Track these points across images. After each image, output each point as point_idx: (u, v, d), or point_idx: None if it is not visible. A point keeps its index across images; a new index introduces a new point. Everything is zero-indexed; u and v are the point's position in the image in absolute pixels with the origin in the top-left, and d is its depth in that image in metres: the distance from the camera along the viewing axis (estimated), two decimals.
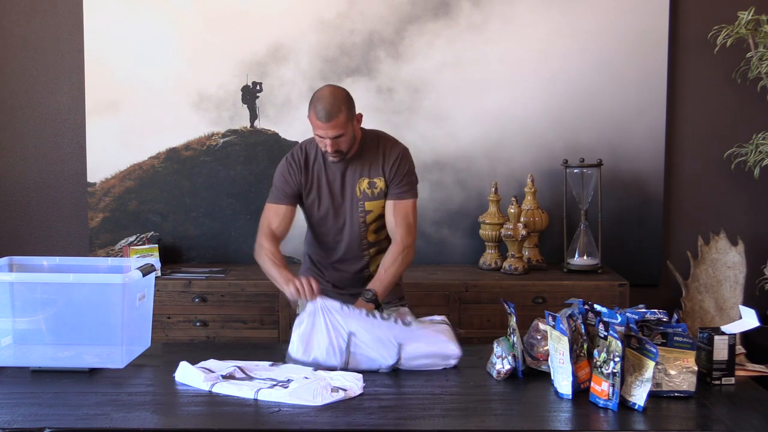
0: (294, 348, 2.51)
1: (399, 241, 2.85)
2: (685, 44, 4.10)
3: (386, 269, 2.82)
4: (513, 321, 2.49)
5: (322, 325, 2.51)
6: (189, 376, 2.38)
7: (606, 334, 2.21)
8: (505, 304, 2.55)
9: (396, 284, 2.97)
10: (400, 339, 2.51)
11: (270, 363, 2.52)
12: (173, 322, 3.72)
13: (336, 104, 2.70)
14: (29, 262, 2.76)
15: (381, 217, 2.90)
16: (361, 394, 2.28)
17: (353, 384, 2.32)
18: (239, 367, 2.44)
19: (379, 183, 2.86)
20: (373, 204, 2.87)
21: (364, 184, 2.86)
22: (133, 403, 2.24)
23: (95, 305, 2.56)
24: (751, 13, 3.71)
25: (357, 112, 2.79)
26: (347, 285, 2.96)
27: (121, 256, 3.98)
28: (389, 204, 2.88)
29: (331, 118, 2.69)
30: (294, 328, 2.55)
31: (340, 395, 2.24)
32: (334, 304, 2.56)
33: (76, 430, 2.06)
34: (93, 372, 2.47)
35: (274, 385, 2.30)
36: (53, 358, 2.54)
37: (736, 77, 4.04)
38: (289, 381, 2.33)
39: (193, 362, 2.46)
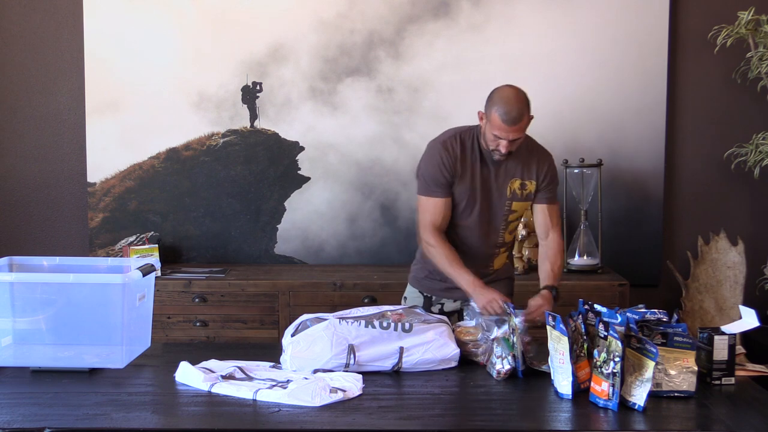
0: (289, 363, 2.47)
1: (559, 240, 2.93)
2: (685, 44, 4.10)
3: (552, 263, 2.89)
4: (513, 321, 2.49)
5: (322, 339, 2.48)
6: (189, 376, 2.38)
7: (606, 334, 2.21)
8: (505, 305, 2.54)
9: (512, 281, 3.09)
10: (401, 344, 2.50)
11: (271, 364, 2.52)
12: (173, 322, 3.72)
13: (522, 108, 2.71)
14: (29, 262, 2.76)
15: (519, 218, 2.96)
16: (360, 395, 2.28)
17: (352, 385, 2.32)
18: (239, 368, 2.44)
19: (530, 186, 2.88)
20: (519, 204, 2.90)
21: (516, 184, 2.87)
22: (133, 403, 2.24)
23: (95, 305, 2.56)
24: (751, 13, 3.71)
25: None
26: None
27: (121, 256, 3.98)
28: (542, 207, 2.92)
29: (516, 122, 2.69)
30: (288, 344, 2.51)
31: (339, 396, 2.24)
32: (330, 317, 2.55)
33: (76, 430, 2.06)
34: (93, 372, 2.47)
35: (273, 386, 2.30)
36: (53, 358, 2.54)
37: (736, 77, 4.04)
38: (288, 381, 2.33)
39: (194, 362, 2.46)
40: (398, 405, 2.24)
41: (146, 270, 2.59)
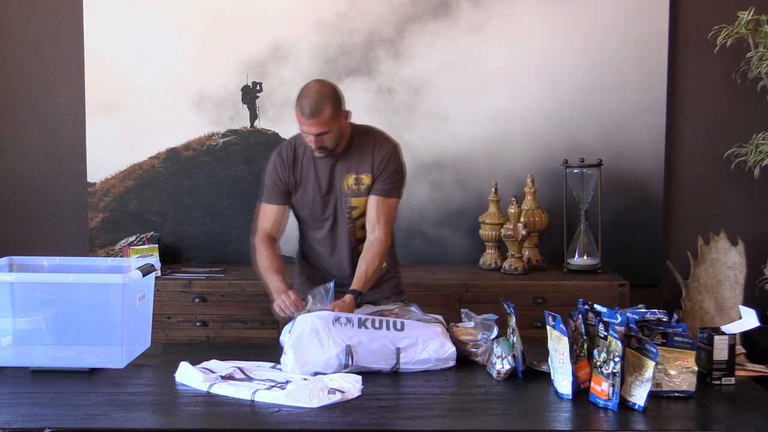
0: (289, 368, 2.47)
1: (383, 239, 2.84)
2: (685, 44, 4.10)
3: (368, 265, 2.80)
4: (513, 321, 2.49)
5: (317, 342, 2.47)
6: (188, 376, 2.38)
7: (606, 334, 2.21)
8: (505, 305, 2.54)
9: (395, 280, 3.01)
10: (397, 344, 2.50)
11: (271, 365, 2.52)
12: (173, 322, 3.72)
13: (321, 100, 2.68)
14: (29, 262, 2.76)
15: (363, 214, 2.89)
16: (359, 396, 2.28)
17: (351, 386, 2.32)
18: (239, 368, 2.44)
19: (366, 179, 2.84)
20: (358, 200, 2.86)
21: (351, 180, 2.84)
22: (133, 403, 2.24)
23: (95, 305, 2.56)
24: (751, 13, 3.71)
25: (345, 108, 2.79)
26: (344, 280, 2.89)
27: (121, 256, 3.98)
28: (372, 199, 2.85)
29: (314, 115, 2.67)
30: (286, 345, 2.51)
31: (337, 397, 2.23)
32: (325, 317, 2.53)
33: (76, 430, 2.06)
34: (93, 372, 2.47)
35: (272, 387, 2.30)
36: (53, 358, 2.54)
37: (736, 77, 4.04)
38: (287, 382, 2.33)
39: (194, 362, 2.46)
40: (398, 405, 2.24)
41: (146, 270, 2.59)
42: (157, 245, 3.99)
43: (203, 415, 2.19)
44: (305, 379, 2.35)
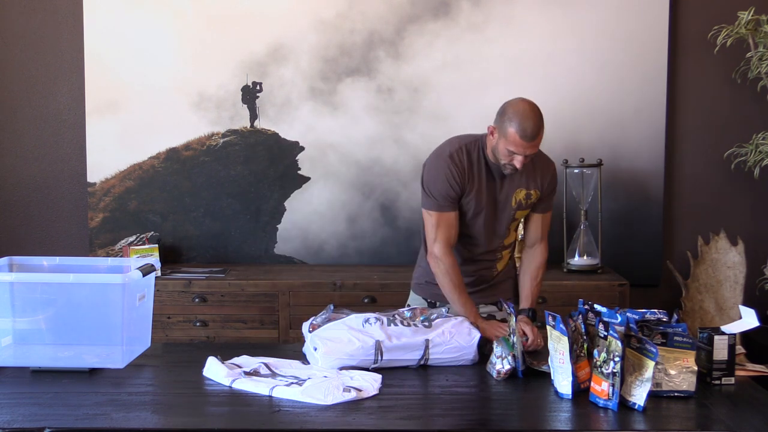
0: (320, 363, 2.48)
1: (544, 253, 2.91)
2: (685, 44, 4.10)
3: (537, 284, 2.87)
4: (513, 321, 2.49)
5: (347, 338, 2.49)
6: (214, 371, 2.41)
7: (606, 334, 2.21)
8: (505, 305, 2.54)
9: (512, 280, 3.04)
10: (426, 336, 2.53)
11: (298, 361, 2.53)
12: (173, 322, 3.72)
13: (539, 123, 2.66)
14: (29, 262, 2.76)
15: (520, 223, 2.96)
16: (376, 394, 2.27)
17: (369, 384, 2.32)
18: (265, 364, 2.45)
19: (534, 195, 2.85)
20: (522, 213, 2.88)
21: (521, 194, 2.82)
22: (133, 403, 2.24)
23: (95, 305, 2.56)
24: (751, 13, 3.71)
25: None
26: (471, 284, 2.90)
27: (121, 256, 3.98)
28: (537, 217, 2.90)
29: (534, 138, 2.65)
30: (315, 339, 2.51)
31: (352, 395, 2.23)
32: (356, 318, 2.58)
33: (76, 430, 2.06)
34: (93, 372, 2.47)
35: (292, 383, 2.31)
36: (53, 358, 2.53)
37: (736, 77, 4.04)
38: (308, 379, 2.34)
39: (194, 362, 2.46)
40: (398, 405, 2.24)
41: (146, 270, 2.59)
42: (157, 245, 3.99)
43: (203, 415, 2.19)
44: (325, 377, 2.35)
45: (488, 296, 2.93)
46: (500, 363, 2.43)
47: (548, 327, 2.34)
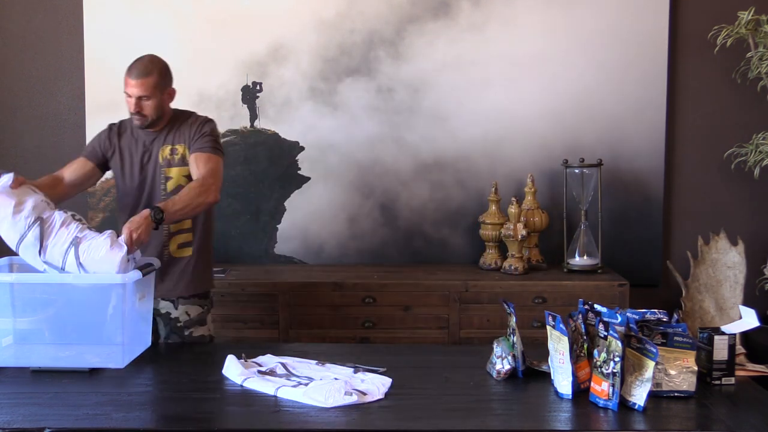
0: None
1: (206, 177, 2.85)
2: (685, 44, 4.10)
3: (182, 192, 2.81)
4: (513, 321, 2.49)
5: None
6: (231, 369, 2.43)
7: (606, 334, 2.21)
8: (505, 304, 2.55)
9: (203, 272, 3.04)
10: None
11: (317, 362, 2.53)
12: None
13: (150, 67, 2.91)
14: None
15: (181, 180, 2.96)
16: (380, 399, 2.26)
17: (376, 388, 2.32)
18: (283, 364, 2.47)
19: (180, 149, 2.97)
20: (173, 171, 2.96)
21: (167, 151, 2.97)
22: (133, 403, 2.24)
23: (95, 305, 2.56)
24: (751, 13, 3.71)
25: (173, 87, 2.99)
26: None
27: None
28: (192, 157, 2.94)
29: (141, 76, 2.87)
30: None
31: (354, 398, 2.23)
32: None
33: (76, 430, 2.06)
34: (93, 372, 2.47)
35: (299, 384, 2.31)
36: (53, 358, 2.54)
37: (736, 77, 4.04)
38: (320, 380, 2.35)
39: (194, 362, 2.46)
40: (398, 405, 2.24)
41: (146, 270, 2.60)
42: None
43: (204, 415, 2.19)
44: (336, 379, 2.36)
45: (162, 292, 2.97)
46: (500, 363, 2.43)
47: (548, 327, 2.34)
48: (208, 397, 2.29)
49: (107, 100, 4.10)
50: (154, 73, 2.91)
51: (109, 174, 4.11)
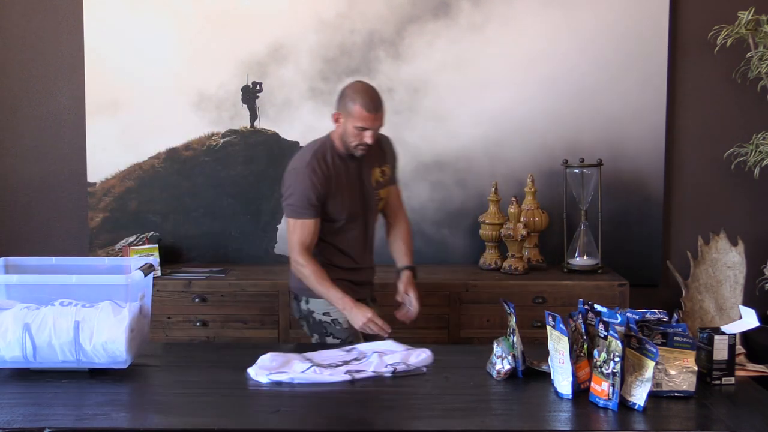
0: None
1: (407, 220, 3.18)
2: (685, 44, 4.10)
3: (407, 243, 3.13)
4: (513, 321, 2.49)
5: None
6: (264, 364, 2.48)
7: (606, 334, 2.21)
8: (505, 305, 2.55)
9: (371, 284, 3.19)
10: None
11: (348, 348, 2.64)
12: (173, 322, 3.72)
13: (379, 96, 2.88)
14: (25, 263, 2.75)
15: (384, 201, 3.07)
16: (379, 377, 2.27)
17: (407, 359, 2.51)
18: (315, 365, 2.48)
19: (387, 170, 3.02)
20: (384, 191, 3.03)
21: (377, 173, 2.98)
22: (133, 403, 2.24)
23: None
24: (751, 13, 3.71)
25: None
26: (364, 277, 3.13)
27: (122, 256, 3.98)
28: (391, 190, 3.10)
29: (379, 110, 2.83)
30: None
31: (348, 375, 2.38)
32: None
33: (76, 430, 2.06)
34: (93, 372, 2.47)
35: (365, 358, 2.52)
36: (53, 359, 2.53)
37: (736, 77, 4.04)
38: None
39: (194, 362, 2.45)
40: (398, 405, 2.24)
41: (146, 270, 2.60)
42: (157, 245, 3.99)
43: (203, 415, 2.19)
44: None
45: (367, 293, 3.14)
46: (500, 363, 2.43)
47: (548, 327, 2.34)
48: (208, 397, 2.29)
49: (107, 100, 4.10)
50: (383, 102, 2.90)
51: (109, 174, 4.16)
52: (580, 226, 3.96)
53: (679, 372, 2.26)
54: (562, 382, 2.28)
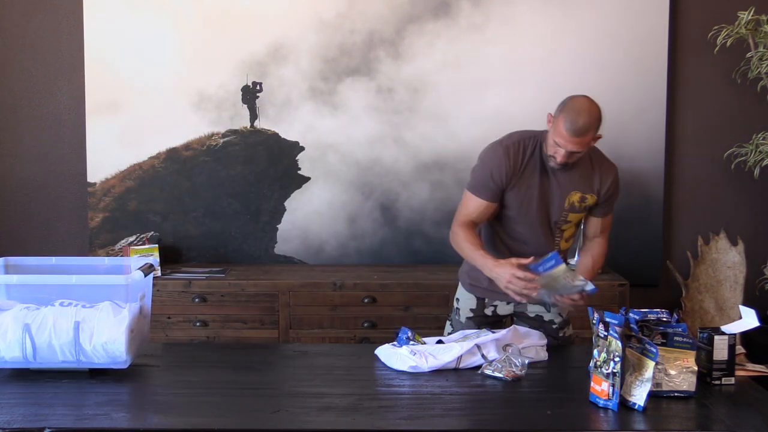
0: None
1: (604, 245, 2.89)
2: (685, 44, 4.10)
3: (595, 262, 2.84)
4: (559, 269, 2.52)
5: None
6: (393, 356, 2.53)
7: (606, 334, 2.21)
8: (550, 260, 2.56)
9: None
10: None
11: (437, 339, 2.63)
12: (173, 322, 3.72)
13: (590, 122, 2.64)
14: (25, 263, 2.75)
15: (575, 225, 2.87)
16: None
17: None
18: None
19: (590, 199, 2.80)
20: (575, 216, 2.82)
21: (576, 197, 2.78)
22: (133, 403, 2.24)
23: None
24: (751, 13, 3.71)
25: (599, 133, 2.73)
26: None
27: (122, 256, 3.98)
28: (596, 221, 2.87)
29: (579, 135, 2.62)
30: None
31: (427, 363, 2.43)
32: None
33: (76, 430, 2.06)
34: (93, 372, 2.47)
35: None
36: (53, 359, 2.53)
37: (736, 77, 4.04)
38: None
39: (194, 362, 2.45)
40: (398, 405, 2.24)
41: (146, 270, 2.59)
42: (157, 245, 3.99)
43: (203, 415, 2.19)
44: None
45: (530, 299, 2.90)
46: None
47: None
48: (209, 397, 2.29)
49: (107, 100, 4.10)
50: (592, 129, 2.66)
51: (109, 174, 4.16)
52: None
53: (679, 372, 2.26)
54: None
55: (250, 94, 4.12)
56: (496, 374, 2.41)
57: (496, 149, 2.78)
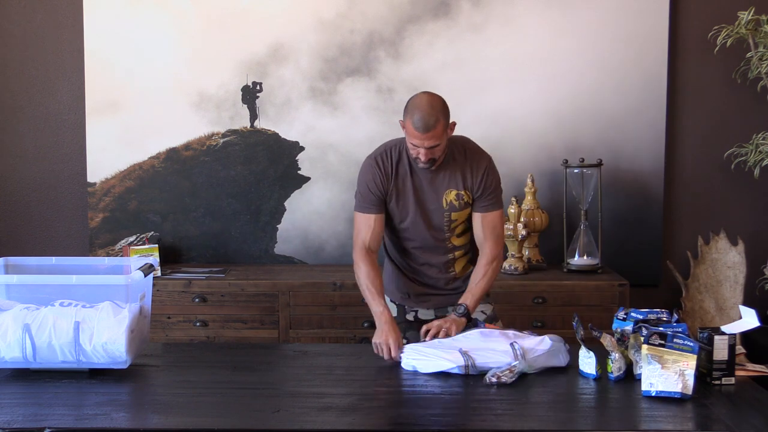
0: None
1: (488, 253, 2.82)
2: (685, 44, 4.10)
3: (476, 283, 2.79)
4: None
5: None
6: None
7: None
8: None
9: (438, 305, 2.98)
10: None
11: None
12: (173, 322, 3.72)
13: (435, 114, 2.64)
14: (25, 263, 2.75)
15: (464, 222, 2.86)
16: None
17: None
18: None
19: (466, 196, 2.80)
20: (459, 214, 2.82)
21: (452, 195, 2.79)
22: (133, 403, 2.24)
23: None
24: (751, 13, 3.71)
25: (450, 120, 2.73)
26: (435, 287, 2.92)
27: (122, 256, 3.99)
28: (477, 216, 2.83)
29: (429, 129, 2.63)
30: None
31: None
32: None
33: (76, 430, 2.06)
34: (93, 372, 2.47)
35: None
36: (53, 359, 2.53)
37: (736, 77, 4.04)
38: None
39: (194, 362, 2.45)
40: (398, 405, 2.24)
41: (146, 270, 2.60)
42: (157, 245, 3.99)
43: (204, 414, 2.19)
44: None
45: (449, 301, 2.90)
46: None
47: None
48: (209, 397, 2.29)
49: (107, 100, 4.10)
50: (440, 120, 2.65)
51: (109, 174, 4.16)
52: (580, 226, 3.96)
53: (679, 372, 2.26)
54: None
55: (250, 94, 4.12)
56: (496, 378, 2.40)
57: (367, 162, 2.84)
